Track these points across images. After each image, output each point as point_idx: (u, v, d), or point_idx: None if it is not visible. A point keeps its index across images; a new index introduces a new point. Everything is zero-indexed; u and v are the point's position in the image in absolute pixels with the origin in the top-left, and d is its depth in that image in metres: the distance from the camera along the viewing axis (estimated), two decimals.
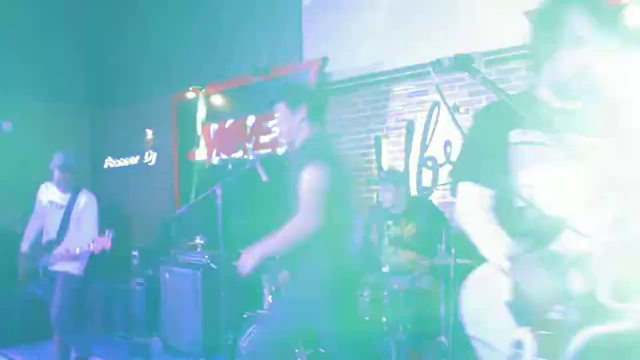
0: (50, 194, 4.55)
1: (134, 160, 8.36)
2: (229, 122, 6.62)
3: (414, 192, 5.06)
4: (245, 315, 3.80)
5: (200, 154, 7.00)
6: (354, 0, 5.59)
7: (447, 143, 4.89)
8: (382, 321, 3.64)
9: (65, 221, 4.37)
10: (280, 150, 6.01)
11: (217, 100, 6.77)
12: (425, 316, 3.82)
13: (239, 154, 6.39)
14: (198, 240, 5.43)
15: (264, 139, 6.18)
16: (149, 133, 8.09)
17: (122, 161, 8.58)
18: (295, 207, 2.84)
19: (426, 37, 4.83)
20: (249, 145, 4.97)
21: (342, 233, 2.97)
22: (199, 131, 7.02)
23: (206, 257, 5.03)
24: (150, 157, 8.08)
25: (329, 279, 2.80)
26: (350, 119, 5.65)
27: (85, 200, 4.43)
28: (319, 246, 2.79)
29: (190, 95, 7.01)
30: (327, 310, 2.78)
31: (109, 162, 8.79)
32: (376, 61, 5.33)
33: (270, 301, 3.99)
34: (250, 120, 6.36)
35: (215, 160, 6.75)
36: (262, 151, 6.18)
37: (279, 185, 5.79)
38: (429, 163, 5.03)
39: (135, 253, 6.46)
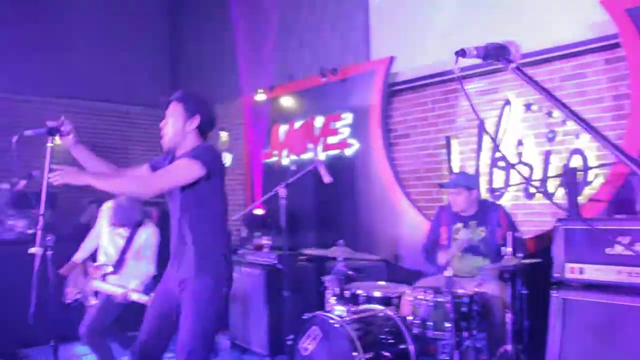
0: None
1: None
2: (298, 123, 6.64)
3: (484, 194, 4.89)
4: (304, 317, 3.76)
5: (271, 155, 7.07)
6: None
7: (519, 142, 4.69)
8: (446, 327, 3.52)
9: (124, 252, 4.33)
10: (348, 152, 5.97)
11: (287, 101, 6.81)
12: (490, 323, 3.67)
13: (308, 155, 6.40)
14: (265, 241, 5.47)
15: (333, 139, 6.16)
16: (224, 135, 8.25)
17: None
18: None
19: (496, 32, 4.61)
20: (311, 146, 4.93)
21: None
22: (270, 132, 7.09)
23: (272, 257, 5.05)
24: (226, 159, 8.23)
25: None
26: (419, 119, 5.53)
27: (147, 234, 4.38)
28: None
29: (260, 97, 7.09)
30: None
31: None
32: (445, 59, 5.18)
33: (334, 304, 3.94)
34: (319, 121, 6.36)
35: (285, 161, 6.79)
36: (330, 152, 6.16)
37: (344, 186, 5.79)
38: (501, 163, 4.85)
39: None
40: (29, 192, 4.84)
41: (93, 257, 4.52)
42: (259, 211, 6.15)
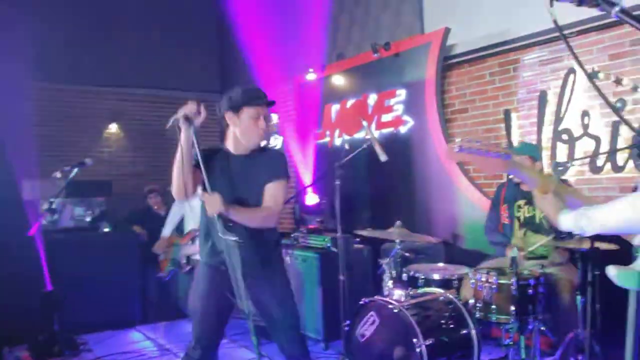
0: None
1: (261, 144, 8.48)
2: (350, 101, 6.48)
3: (546, 169, 4.64)
4: (361, 302, 3.64)
5: (323, 135, 6.95)
6: None
7: (585, 114, 4.41)
8: (510, 311, 3.34)
9: None
10: (402, 129, 5.78)
11: (338, 80, 6.66)
12: (559, 307, 3.47)
13: (361, 134, 6.23)
14: (319, 224, 5.36)
15: (387, 117, 5.97)
16: (274, 118, 8.16)
17: None
18: (253, 196, 2.98)
19: None
20: (365, 124, 4.76)
21: None
22: (321, 113, 6.96)
23: (326, 240, 4.93)
24: (276, 142, 8.15)
25: None
26: (477, 93, 5.29)
27: None
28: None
29: (311, 77, 6.96)
30: None
31: None
32: (503, 29, 4.92)
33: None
34: (372, 98, 6.18)
35: (338, 141, 6.65)
36: (385, 130, 5.99)
37: (399, 165, 5.61)
38: (564, 137, 4.58)
39: None
40: (81, 180, 4.91)
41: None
42: (313, 197, 6.05)
